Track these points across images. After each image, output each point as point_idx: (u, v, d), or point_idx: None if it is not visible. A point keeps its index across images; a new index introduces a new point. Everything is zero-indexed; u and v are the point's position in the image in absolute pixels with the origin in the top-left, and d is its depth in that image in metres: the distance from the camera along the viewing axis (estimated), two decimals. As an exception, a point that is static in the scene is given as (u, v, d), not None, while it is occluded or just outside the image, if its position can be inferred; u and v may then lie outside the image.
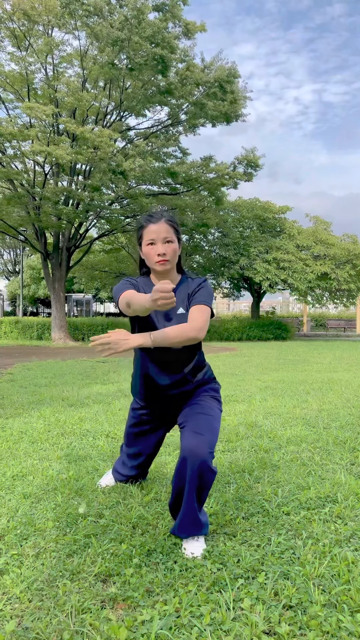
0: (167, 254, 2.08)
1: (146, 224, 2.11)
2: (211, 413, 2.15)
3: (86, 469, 3.12)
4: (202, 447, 1.98)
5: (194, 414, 2.14)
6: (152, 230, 2.08)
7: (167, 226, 2.10)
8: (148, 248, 2.10)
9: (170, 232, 2.10)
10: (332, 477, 2.95)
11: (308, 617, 1.61)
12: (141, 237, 2.14)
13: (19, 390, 6.42)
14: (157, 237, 2.08)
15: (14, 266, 44.65)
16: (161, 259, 2.08)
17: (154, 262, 2.10)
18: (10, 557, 2.00)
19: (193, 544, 2.05)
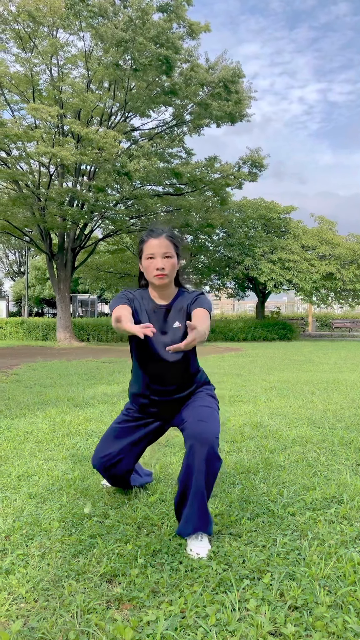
0: (166, 268, 2.14)
1: (147, 238, 2.17)
2: (211, 406, 2.23)
3: (91, 469, 3.12)
4: (208, 433, 2.04)
5: (195, 407, 2.21)
6: (152, 245, 2.14)
7: (167, 242, 2.15)
8: (148, 262, 2.16)
9: (170, 247, 2.16)
10: (337, 478, 2.94)
11: (314, 618, 1.60)
12: (142, 250, 2.20)
13: (24, 391, 6.44)
14: (157, 251, 2.14)
15: (19, 267, 44.80)
16: (159, 273, 2.13)
17: (153, 276, 2.16)
18: (16, 557, 2.01)
19: (198, 544, 2.05)
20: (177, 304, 2.25)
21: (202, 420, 2.10)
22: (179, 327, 2.21)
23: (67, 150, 14.25)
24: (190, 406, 2.25)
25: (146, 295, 2.28)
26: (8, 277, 46.63)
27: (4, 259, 45.60)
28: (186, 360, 2.27)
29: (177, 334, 2.20)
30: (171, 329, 2.22)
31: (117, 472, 2.47)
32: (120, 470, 2.47)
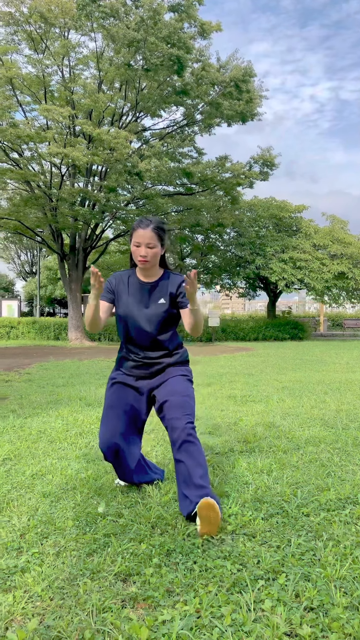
0: (148, 256, 2.47)
1: (137, 227, 2.47)
2: (186, 393, 2.51)
3: (105, 468, 3.13)
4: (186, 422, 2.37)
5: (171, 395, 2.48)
6: (139, 234, 2.45)
7: (152, 234, 2.45)
8: (134, 248, 2.49)
9: (154, 239, 2.46)
10: (352, 479, 2.92)
11: (330, 619, 1.59)
12: (131, 237, 2.52)
13: (37, 390, 6.47)
14: (142, 241, 2.45)
15: (31, 267, 45.04)
16: (142, 259, 2.47)
17: (137, 260, 2.50)
18: (31, 556, 2.02)
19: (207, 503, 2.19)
20: (163, 283, 2.58)
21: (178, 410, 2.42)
22: (164, 303, 2.54)
23: (78, 151, 14.31)
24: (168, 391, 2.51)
25: (133, 274, 2.63)
26: (20, 278, 46.91)
27: (16, 260, 45.87)
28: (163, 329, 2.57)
29: (161, 309, 2.54)
30: (155, 304, 2.55)
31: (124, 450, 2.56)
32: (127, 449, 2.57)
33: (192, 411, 2.46)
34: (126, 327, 2.58)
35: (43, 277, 36.75)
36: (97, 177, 17.31)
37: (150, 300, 2.56)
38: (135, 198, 17.46)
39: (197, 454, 2.35)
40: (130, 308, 2.55)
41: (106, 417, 2.56)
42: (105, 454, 2.53)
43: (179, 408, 2.42)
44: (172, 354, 2.63)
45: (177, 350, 2.66)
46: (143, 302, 2.56)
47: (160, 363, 2.61)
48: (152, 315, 2.54)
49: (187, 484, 2.32)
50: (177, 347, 2.67)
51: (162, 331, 2.58)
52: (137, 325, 2.55)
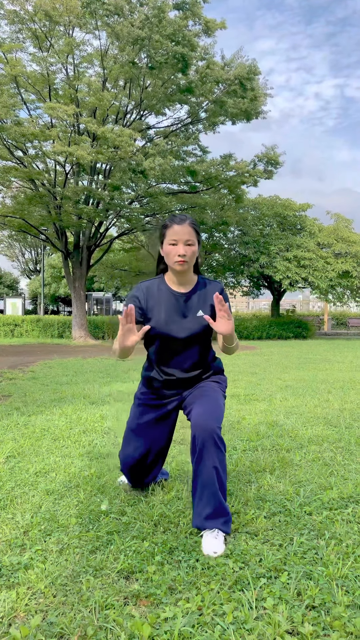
0: (187, 255, 2.17)
1: (170, 223, 2.19)
2: (214, 395, 2.27)
3: (108, 466, 3.14)
4: (211, 421, 2.11)
5: (199, 396, 2.26)
6: (175, 231, 2.17)
7: (190, 229, 2.18)
8: (170, 248, 2.19)
9: (193, 234, 2.19)
10: (355, 478, 2.92)
11: (331, 618, 1.60)
12: (164, 235, 2.22)
13: (40, 388, 6.49)
14: (180, 238, 2.17)
15: (35, 265, 45.15)
16: (181, 259, 2.17)
17: (174, 262, 2.20)
18: (34, 553, 2.03)
19: (213, 541, 2.05)
20: (200, 292, 2.30)
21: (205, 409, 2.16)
22: (201, 316, 2.26)
23: (83, 149, 14.31)
24: (195, 394, 2.31)
25: (162, 282, 2.32)
26: (24, 276, 47.02)
27: (20, 258, 45.98)
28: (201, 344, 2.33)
29: (198, 321, 2.26)
30: (193, 317, 2.27)
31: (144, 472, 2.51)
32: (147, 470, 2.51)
33: (220, 412, 2.21)
34: (160, 346, 2.31)
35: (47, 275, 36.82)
36: (101, 175, 17.32)
37: (187, 312, 2.28)
38: (140, 196, 17.46)
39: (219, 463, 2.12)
40: (165, 324, 2.26)
41: (128, 440, 2.43)
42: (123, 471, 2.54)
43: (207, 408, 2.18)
44: (206, 369, 2.41)
45: (212, 364, 2.44)
46: (179, 317, 2.27)
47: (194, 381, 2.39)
48: (189, 330, 2.26)
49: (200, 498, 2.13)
50: (212, 361, 2.45)
51: (201, 348, 2.33)
52: (173, 343, 2.28)
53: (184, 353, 2.31)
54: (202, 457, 2.11)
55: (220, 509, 2.11)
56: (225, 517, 2.13)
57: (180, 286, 2.30)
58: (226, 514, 2.13)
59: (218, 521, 2.10)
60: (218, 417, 2.15)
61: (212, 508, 2.10)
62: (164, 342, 2.29)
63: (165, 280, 2.33)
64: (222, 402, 2.26)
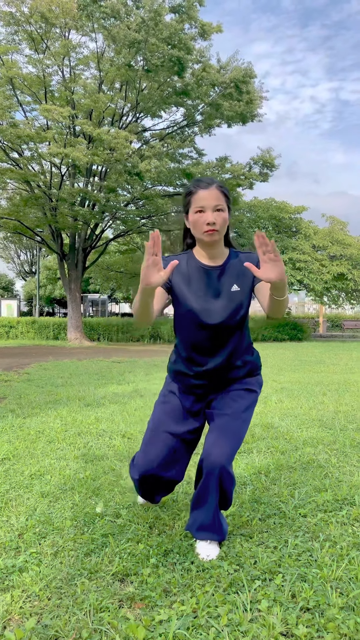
0: (217, 223, 1.87)
1: (195, 189, 1.90)
2: (239, 418, 2.02)
3: (103, 468, 3.14)
4: (223, 453, 1.93)
5: (223, 413, 2.03)
6: (201, 197, 1.87)
7: (219, 192, 1.88)
8: (196, 216, 1.89)
9: (222, 199, 1.88)
10: (349, 480, 2.93)
11: (326, 620, 1.60)
12: (189, 203, 1.93)
13: (35, 390, 6.48)
14: (208, 204, 1.86)
15: (30, 267, 45.07)
16: (210, 228, 1.87)
17: (202, 232, 1.90)
18: (29, 555, 2.03)
19: (207, 547, 2.04)
20: (233, 264, 1.99)
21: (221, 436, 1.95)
22: (238, 291, 1.96)
23: (78, 151, 14.32)
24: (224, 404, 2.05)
25: (191, 257, 2.02)
26: (19, 277, 46.92)
27: (16, 259, 45.89)
28: (237, 327, 2.01)
29: (235, 297, 1.96)
30: (228, 292, 1.96)
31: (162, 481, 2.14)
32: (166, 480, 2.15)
33: (237, 439, 1.98)
34: (190, 328, 2.00)
35: (42, 277, 36.75)
36: (97, 177, 17.32)
37: (221, 288, 1.97)
38: (135, 198, 17.47)
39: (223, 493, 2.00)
40: (195, 301, 1.95)
41: (149, 441, 2.09)
42: (136, 481, 2.14)
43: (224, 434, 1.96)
44: (243, 361, 2.08)
45: (248, 356, 2.11)
46: (211, 292, 1.96)
47: (230, 376, 2.08)
48: (225, 308, 1.95)
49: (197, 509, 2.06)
50: (248, 350, 2.11)
51: (236, 328, 2.00)
52: (205, 323, 1.96)
53: (216, 338, 2.00)
54: (206, 486, 1.98)
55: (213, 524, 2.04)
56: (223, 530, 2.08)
57: (211, 260, 1.99)
58: (223, 526, 2.09)
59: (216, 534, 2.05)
60: (232, 449, 1.94)
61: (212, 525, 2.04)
62: (193, 324, 1.99)
63: (194, 255, 2.02)
64: (244, 430, 2.03)
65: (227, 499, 2.08)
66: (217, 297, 1.96)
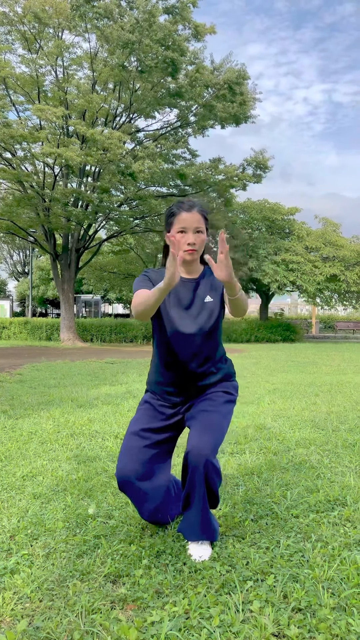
0: (197, 243, 2.06)
1: (178, 211, 2.07)
2: (218, 414, 2.10)
3: (95, 470, 3.13)
4: (206, 446, 1.98)
5: (202, 413, 2.11)
6: (184, 219, 2.05)
7: (200, 216, 2.07)
8: (178, 236, 2.06)
9: (202, 222, 2.07)
10: (341, 480, 2.94)
11: (317, 620, 1.61)
12: (171, 223, 2.09)
13: (28, 391, 6.46)
14: (189, 226, 2.05)
15: (23, 267, 44.91)
16: (190, 248, 2.05)
17: (183, 251, 2.06)
18: (21, 557, 2.02)
19: (198, 548, 2.05)
20: (207, 279, 2.17)
21: (203, 430, 2.02)
22: (210, 301, 2.13)
23: (72, 151, 14.29)
24: (201, 404, 2.15)
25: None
26: (12, 278, 46.74)
27: (8, 259, 45.71)
28: (210, 335, 2.15)
29: (207, 307, 2.12)
30: (201, 302, 2.13)
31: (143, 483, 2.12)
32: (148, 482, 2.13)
33: (219, 432, 2.05)
34: (164, 334, 2.14)
35: (35, 278, 36.64)
36: (90, 178, 17.29)
37: (195, 299, 2.14)
38: (129, 199, 17.45)
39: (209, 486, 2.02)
40: (172, 310, 2.12)
41: (127, 443, 2.14)
42: (119, 483, 2.11)
43: (206, 427, 2.03)
44: (216, 368, 2.20)
45: (221, 364, 2.24)
46: (185, 302, 2.13)
47: (204, 383, 2.18)
48: (199, 317, 2.12)
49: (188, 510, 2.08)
50: (221, 359, 2.25)
51: (208, 336, 2.14)
52: (178, 331, 2.10)
53: (191, 346, 2.12)
54: (193, 480, 2.00)
55: (210, 524, 2.07)
56: (214, 530, 2.09)
57: (188, 274, 2.18)
58: (214, 526, 2.10)
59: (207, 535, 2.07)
60: (215, 441, 2.01)
61: (203, 525, 2.05)
62: (169, 332, 2.12)
63: None
64: (225, 424, 2.10)
65: (215, 496, 2.08)
66: (191, 307, 2.13)
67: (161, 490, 2.19)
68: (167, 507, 2.25)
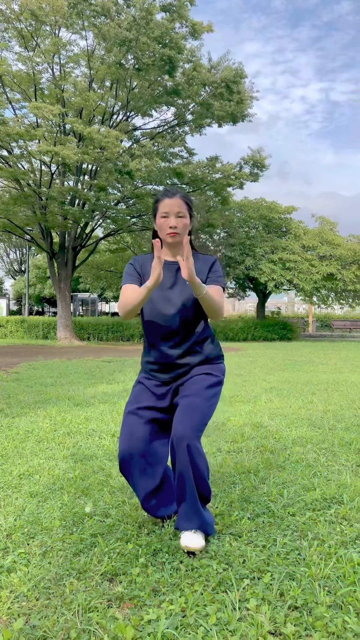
0: (178, 227, 2.17)
1: (162, 197, 2.20)
2: (200, 395, 2.16)
3: (92, 468, 3.13)
4: (188, 429, 2.04)
5: (186, 394, 2.18)
6: (166, 204, 2.17)
7: (181, 201, 2.18)
8: (162, 221, 2.19)
9: (183, 207, 2.19)
10: (337, 479, 2.95)
11: (314, 618, 1.61)
12: (156, 209, 2.22)
13: (25, 390, 6.45)
14: (171, 210, 2.17)
15: (19, 265, 44.81)
16: (172, 231, 2.17)
17: (166, 234, 2.19)
18: (17, 556, 2.02)
19: (190, 536, 2.04)
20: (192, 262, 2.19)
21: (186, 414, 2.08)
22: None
23: (68, 149, 14.26)
24: (186, 388, 2.20)
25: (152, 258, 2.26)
26: (9, 276, 46.64)
27: (5, 258, 45.60)
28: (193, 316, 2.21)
29: (188, 288, 2.19)
30: (183, 284, 2.21)
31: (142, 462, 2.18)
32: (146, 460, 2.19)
33: (201, 414, 2.10)
34: (151, 317, 2.22)
35: (32, 276, 36.57)
36: (87, 176, 17.26)
37: (177, 280, 2.22)
38: (126, 197, 17.43)
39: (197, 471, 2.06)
40: (155, 292, 2.20)
41: (126, 423, 2.22)
42: (121, 462, 2.18)
43: (188, 410, 2.10)
44: (201, 348, 2.26)
45: (206, 344, 2.28)
46: (167, 283, 2.22)
47: (186, 362, 2.24)
48: (179, 298, 2.18)
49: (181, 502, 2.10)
50: (206, 340, 2.28)
51: (189, 317, 2.20)
52: (160, 311, 2.19)
53: (171, 325, 2.20)
54: (179, 465, 2.04)
55: (198, 515, 2.08)
56: (204, 521, 2.10)
57: (173, 257, 2.27)
58: (204, 519, 2.10)
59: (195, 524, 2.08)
60: (197, 424, 2.07)
61: (193, 511, 2.08)
62: (154, 313, 2.21)
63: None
64: (207, 407, 2.14)
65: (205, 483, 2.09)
66: (173, 288, 2.22)
67: (160, 470, 2.24)
68: (164, 494, 2.28)
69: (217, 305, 2.14)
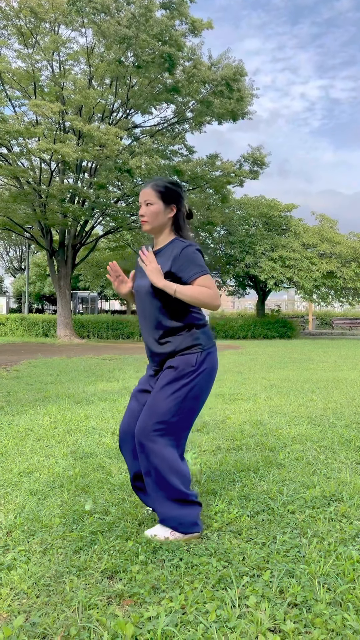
0: (145, 215, 2.24)
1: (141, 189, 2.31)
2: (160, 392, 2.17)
3: (92, 466, 3.13)
4: (139, 428, 2.16)
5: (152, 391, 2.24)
6: (140, 194, 2.28)
7: (151, 190, 2.24)
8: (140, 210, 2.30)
9: (153, 195, 2.24)
10: (337, 476, 2.95)
11: (313, 615, 1.62)
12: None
13: (25, 387, 6.45)
14: (141, 199, 2.26)
15: (19, 263, 44.78)
16: (142, 219, 2.27)
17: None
18: (17, 553, 2.02)
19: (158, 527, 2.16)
20: (167, 250, 2.26)
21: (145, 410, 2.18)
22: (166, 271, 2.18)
23: (68, 147, 14.23)
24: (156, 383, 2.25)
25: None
26: (8, 274, 46.61)
27: (5, 256, 45.57)
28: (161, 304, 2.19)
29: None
30: None
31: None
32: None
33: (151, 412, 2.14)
34: (136, 305, 2.33)
35: (32, 274, 36.54)
36: (87, 174, 17.24)
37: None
38: (125, 195, 17.41)
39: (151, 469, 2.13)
40: (137, 280, 2.33)
41: (128, 405, 2.36)
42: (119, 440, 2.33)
43: (146, 409, 2.18)
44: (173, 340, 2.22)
45: (178, 335, 2.22)
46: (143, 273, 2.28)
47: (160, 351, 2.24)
48: (149, 288, 2.20)
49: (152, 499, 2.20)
50: (181, 330, 2.22)
51: (159, 307, 2.19)
52: (139, 300, 2.29)
53: (147, 317, 2.24)
54: (141, 461, 2.16)
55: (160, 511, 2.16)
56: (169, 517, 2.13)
57: (157, 245, 2.33)
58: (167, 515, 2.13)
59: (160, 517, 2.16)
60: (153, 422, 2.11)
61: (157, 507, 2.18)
62: (137, 303, 2.33)
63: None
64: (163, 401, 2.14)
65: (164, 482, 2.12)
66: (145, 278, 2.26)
67: None
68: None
69: (198, 301, 2.12)
